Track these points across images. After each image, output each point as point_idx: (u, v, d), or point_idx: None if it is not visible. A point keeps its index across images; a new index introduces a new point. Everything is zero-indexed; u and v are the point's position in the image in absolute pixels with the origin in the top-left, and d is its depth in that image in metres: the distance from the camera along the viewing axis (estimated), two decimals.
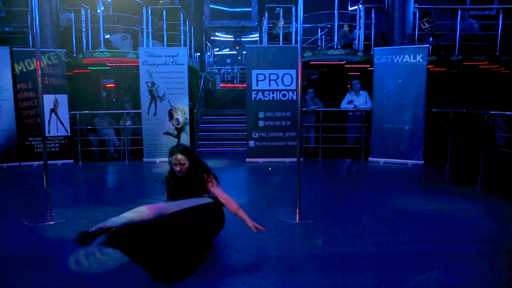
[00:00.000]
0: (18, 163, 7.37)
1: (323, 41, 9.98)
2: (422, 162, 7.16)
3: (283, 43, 8.93)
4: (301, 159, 4.42)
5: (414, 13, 8.16)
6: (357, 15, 8.43)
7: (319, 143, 8.09)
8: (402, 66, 7.23)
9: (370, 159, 7.65)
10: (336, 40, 8.14)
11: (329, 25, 9.01)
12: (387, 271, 2.97)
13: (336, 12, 7.98)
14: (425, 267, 3.03)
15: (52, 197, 4.34)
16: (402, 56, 7.21)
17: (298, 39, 4.20)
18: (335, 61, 8.82)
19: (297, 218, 4.18)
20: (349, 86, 8.49)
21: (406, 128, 7.25)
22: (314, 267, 3.07)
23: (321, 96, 8.40)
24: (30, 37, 8.15)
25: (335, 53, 8.04)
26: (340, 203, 4.88)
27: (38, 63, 4.26)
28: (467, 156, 7.28)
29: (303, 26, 4.24)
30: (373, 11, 8.66)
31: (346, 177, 6.72)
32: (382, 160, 7.50)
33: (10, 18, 10.30)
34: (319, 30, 9.62)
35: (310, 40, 9.92)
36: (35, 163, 7.42)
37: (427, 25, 7.68)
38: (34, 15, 4.23)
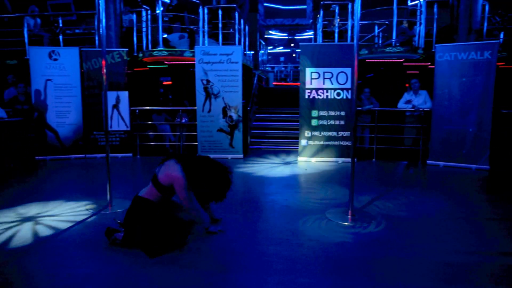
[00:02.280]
0: (84, 155, 7.93)
1: (380, 39, 9.63)
2: (488, 167, 6.66)
3: (338, 41, 8.75)
4: (355, 159, 4.30)
5: (483, 6, 7.61)
6: (418, 10, 8.03)
7: (373, 143, 7.83)
8: (467, 63, 6.77)
9: (428, 162, 7.26)
10: (394, 37, 7.82)
11: (387, 22, 8.68)
12: (446, 282, 2.80)
13: (395, 7, 7.67)
14: (490, 281, 2.82)
15: (113, 188, 4.61)
16: (467, 53, 6.75)
17: (355, 36, 4.09)
18: (392, 59, 8.49)
19: (349, 219, 4.09)
20: (407, 85, 8.13)
21: (470, 130, 6.80)
22: (366, 270, 2.97)
23: (377, 96, 8.12)
24: (96, 38, 8.71)
25: (393, 51, 7.73)
26: (395, 207, 4.68)
27: (103, 62, 4.53)
28: None
29: (359, 23, 4.11)
30: (435, 6, 8.20)
31: (402, 180, 6.45)
32: (441, 163, 7.10)
33: (80, 21, 11.10)
34: (376, 27, 9.30)
35: (366, 38, 9.62)
36: (98, 156, 7.93)
37: (498, 19, 7.13)
38: (100, 18, 4.51)
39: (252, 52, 12.43)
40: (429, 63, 8.34)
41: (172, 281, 2.80)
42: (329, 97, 7.47)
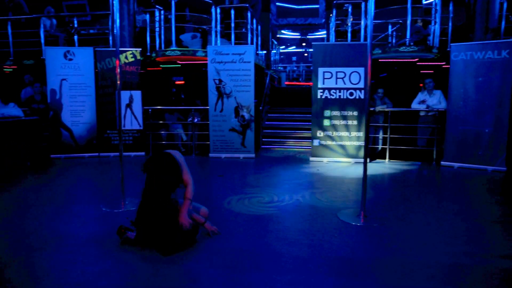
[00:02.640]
0: (97, 154, 8.03)
1: (394, 38, 9.52)
2: (505, 168, 6.52)
3: (351, 40, 8.68)
4: (368, 160, 4.26)
5: (501, 4, 7.44)
6: (433, 9, 7.91)
7: (387, 144, 7.74)
8: (484, 63, 6.65)
9: (442, 162, 7.15)
10: (408, 36, 7.72)
11: (400, 21, 8.57)
12: (457, 285, 2.76)
13: (409, 6, 7.56)
14: (503, 285, 2.76)
15: (125, 186, 4.65)
16: (484, 52, 6.62)
17: (368, 35, 4.05)
18: (406, 59, 8.38)
19: (362, 221, 4.05)
20: (421, 85, 8.01)
21: (486, 131, 6.67)
22: (378, 272, 2.94)
23: (391, 95, 8.03)
24: (110, 38, 8.81)
25: (407, 50, 7.63)
26: (408, 208, 4.62)
27: (117, 62, 4.57)
28: None
29: (373, 22, 4.07)
30: (451, 4, 8.06)
31: (415, 181, 6.36)
32: (456, 164, 6.98)
33: (94, 21, 11.25)
34: (389, 26, 9.20)
35: (379, 37, 9.52)
36: (112, 154, 8.03)
37: None
38: (114, 18, 4.56)
39: (265, 51, 12.41)
40: (444, 63, 8.21)
41: (183, 279, 2.82)
42: (341, 97, 7.41)
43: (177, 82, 10.57)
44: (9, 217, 4.20)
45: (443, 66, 8.26)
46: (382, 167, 7.21)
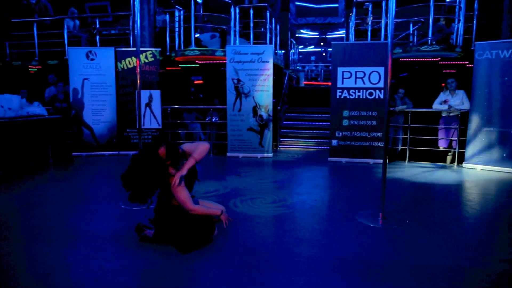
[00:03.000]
0: (117, 152, 8.17)
1: (415, 37, 9.33)
2: None
3: (371, 40, 8.56)
4: (387, 161, 4.19)
5: None
6: (457, 7, 7.71)
7: (407, 145, 7.60)
8: (510, 61, 6.44)
9: (464, 164, 6.98)
10: (430, 35, 7.55)
11: (422, 19, 8.40)
12: None
13: (431, 4, 7.40)
14: None
15: None
16: (510, 51, 6.40)
17: (389, 34, 3.97)
18: (428, 58, 8.21)
19: (380, 222, 3.99)
20: (443, 84, 7.82)
21: None
22: (395, 274, 2.89)
23: (412, 95, 7.87)
24: (131, 38, 8.96)
25: (429, 49, 7.47)
26: (428, 211, 4.52)
27: (137, 62, 4.64)
28: None
29: (394, 21, 4.00)
30: (476, 1, 7.85)
31: (436, 183, 6.22)
32: (479, 166, 6.80)
33: (116, 22, 11.46)
34: (411, 25, 9.03)
35: (400, 36, 9.35)
36: (131, 153, 8.09)
37: None
38: (135, 18, 4.62)
39: (283, 51, 12.38)
40: (467, 62, 8.01)
41: (200, 277, 2.84)
42: (361, 97, 7.32)
43: (196, 82, 10.66)
44: (31, 213, 4.32)
45: (467, 66, 8.05)
46: (402, 168, 7.08)
